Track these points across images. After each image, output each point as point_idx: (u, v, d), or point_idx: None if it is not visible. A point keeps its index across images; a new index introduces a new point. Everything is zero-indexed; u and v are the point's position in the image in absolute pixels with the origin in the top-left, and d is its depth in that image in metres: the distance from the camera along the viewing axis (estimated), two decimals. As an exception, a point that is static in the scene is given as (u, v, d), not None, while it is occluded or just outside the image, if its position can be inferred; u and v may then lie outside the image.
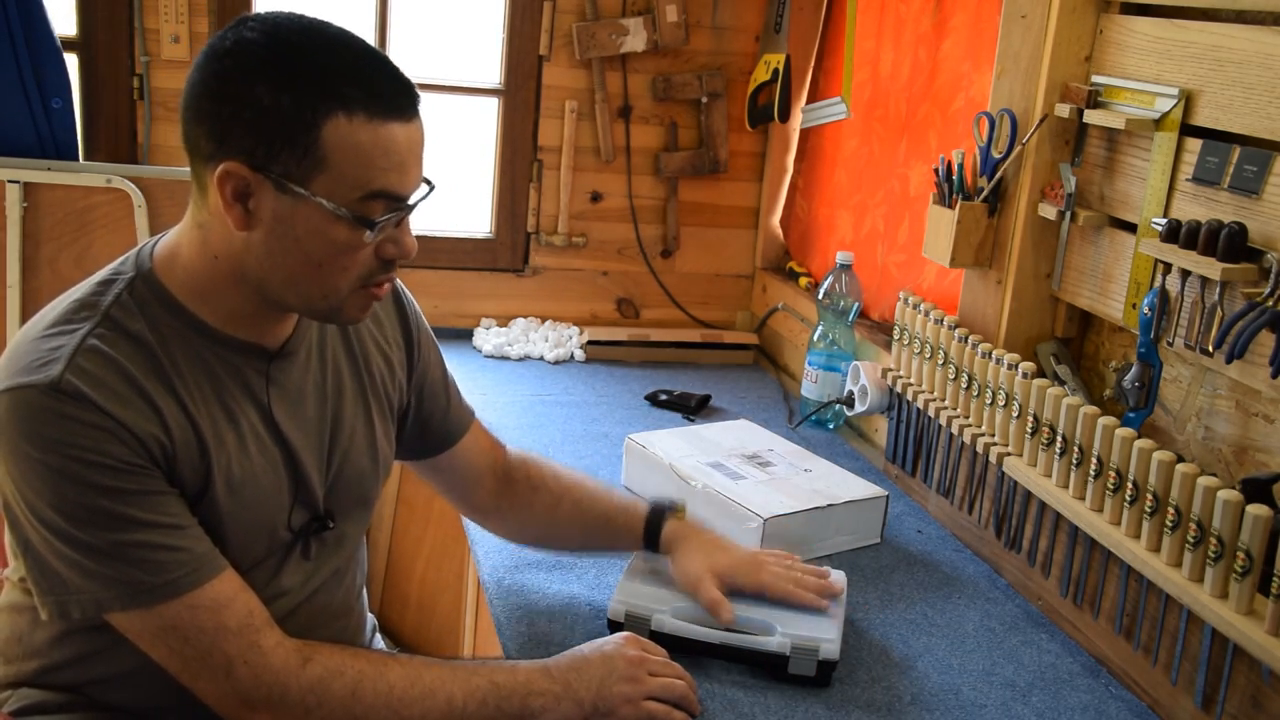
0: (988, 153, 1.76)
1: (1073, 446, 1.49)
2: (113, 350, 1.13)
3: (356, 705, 1.17)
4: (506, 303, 2.70)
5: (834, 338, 2.22)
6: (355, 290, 1.18)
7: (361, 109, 1.09)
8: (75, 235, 2.28)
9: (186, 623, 1.13)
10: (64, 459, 1.08)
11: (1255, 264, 1.33)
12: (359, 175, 1.11)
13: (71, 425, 1.08)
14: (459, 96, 2.67)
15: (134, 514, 1.10)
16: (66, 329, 1.14)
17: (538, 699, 1.22)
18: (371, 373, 1.38)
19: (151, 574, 1.11)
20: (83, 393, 1.09)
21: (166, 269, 1.20)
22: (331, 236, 1.13)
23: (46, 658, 1.24)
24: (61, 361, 1.10)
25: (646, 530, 1.49)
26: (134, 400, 1.12)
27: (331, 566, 1.34)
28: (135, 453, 1.11)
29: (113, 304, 1.16)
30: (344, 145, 1.09)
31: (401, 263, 1.20)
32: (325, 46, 1.11)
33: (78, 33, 2.35)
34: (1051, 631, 1.55)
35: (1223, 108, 1.42)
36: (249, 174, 1.10)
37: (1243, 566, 1.22)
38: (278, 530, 1.25)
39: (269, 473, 1.23)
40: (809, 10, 2.57)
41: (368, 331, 1.39)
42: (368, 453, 1.36)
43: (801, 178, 2.69)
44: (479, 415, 1.55)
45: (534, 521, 1.55)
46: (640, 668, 1.27)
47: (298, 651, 1.17)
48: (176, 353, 1.17)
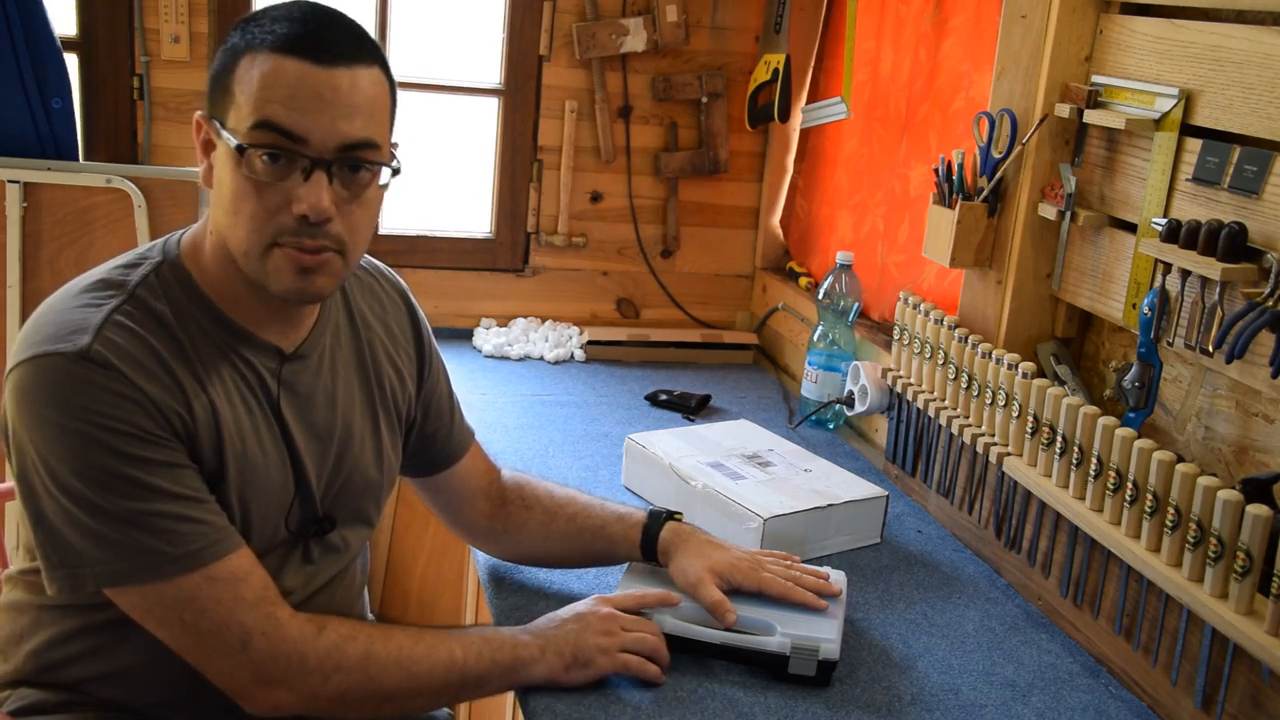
0: (988, 153, 1.76)
1: (1073, 446, 1.49)
2: (139, 327, 1.15)
3: (371, 666, 1.20)
4: (506, 303, 2.70)
5: (834, 338, 2.22)
6: (269, 248, 1.16)
7: (269, 46, 1.13)
8: (75, 235, 2.28)
9: (205, 594, 1.13)
10: (91, 425, 1.09)
11: (1255, 264, 1.33)
12: (251, 103, 1.13)
13: (99, 393, 1.09)
14: (459, 96, 2.67)
15: (158, 483, 1.11)
16: (94, 302, 1.15)
17: (524, 649, 1.28)
18: (382, 384, 1.39)
19: (173, 544, 1.12)
20: (111, 362, 1.10)
21: (192, 257, 1.23)
22: (231, 172, 1.15)
23: (46, 656, 1.24)
24: (90, 331, 1.12)
25: (644, 538, 1.48)
26: (159, 375, 1.14)
27: (332, 571, 1.35)
28: (159, 425, 1.12)
29: (139, 284, 1.18)
30: (245, 77, 1.14)
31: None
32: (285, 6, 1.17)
33: (78, 33, 2.35)
34: (1051, 631, 1.55)
35: (1223, 108, 1.42)
36: (205, 122, 1.18)
37: (1243, 566, 1.22)
38: (278, 526, 1.26)
39: (274, 468, 1.25)
40: (809, 10, 2.57)
41: (380, 342, 1.40)
42: (375, 463, 1.37)
43: (801, 178, 2.69)
44: (477, 416, 1.55)
45: (529, 540, 1.54)
46: (613, 622, 1.33)
47: (311, 621, 1.20)
48: (197, 339, 1.19)
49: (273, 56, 1.12)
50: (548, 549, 1.54)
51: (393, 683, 1.21)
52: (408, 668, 1.22)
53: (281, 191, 1.13)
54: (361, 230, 1.21)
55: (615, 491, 1.86)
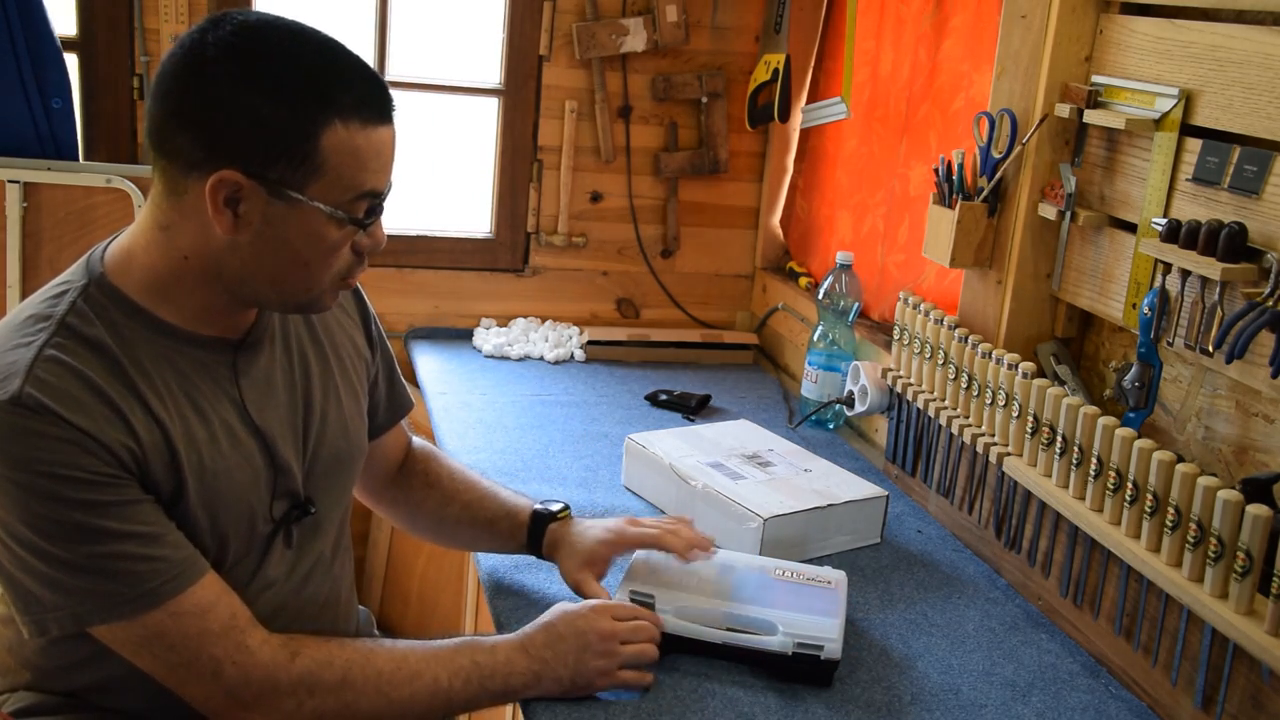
0: (988, 153, 1.76)
1: (1073, 446, 1.49)
2: (72, 359, 1.11)
3: (347, 692, 1.19)
4: (506, 303, 2.70)
5: (834, 338, 2.22)
6: (334, 283, 1.21)
7: (355, 116, 1.12)
8: (75, 235, 2.27)
9: (170, 630, 1.12)
10: (32, 475, 1.06)
11: (1255, 264, 1.33)
12: (353, 178, 1.13)
13: (36, 440, 1.06)
14: (459, 96, 2.67)
15: (109, 525, 1.09)
16: (21, 342, 1.12)
17: (519, 678, 1.26)
18: (340, 355, 1.38)
19: (130, 585, 1.10)
20: (45, 405, 1.07)
21: (121, 272, 1.18)
22: (323, 236, 1.15)
23: (39, 666, 1.24)
24: (20, 375, 1.08)
25: (529, 540, 1.52)
26: (98, 408, 1.10)
27: (315, 553, 1.33)
28: (105, 462, 1.09)
29: (68, 312, 1.14)
30: (340, 151, 1.12)
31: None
32: (313, 52, 1.13)
33: (78, 33, 2.35)
34: (1051, 631, 1.55)
35: (1223, 108, 1.42)
36: (243, 181, 1.10)
37: (1243, 566, 1.22)
38: (257, 523, 1.25)
39: (244, 466, 1.22)
40: (809, 10, 2.57)
41: (330, 314, 1.39)
42: (342, 434, 1.36)
43: (801, 178, 2.69)
44: (477, 416, 1.55)
45: (424, 520, 1.57)
46: (612, 640, 1.31)
47: (284, 646, 1.18)
48: (140, 355, 1.16)
49: (364, 131, 1.13)
50: (440, 532, 1.58)
51: (371, 709, 1.20)
52: (387, 694, 1.20)
53: None
54: None
55: (615, 491, 1.87)
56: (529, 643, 1.29)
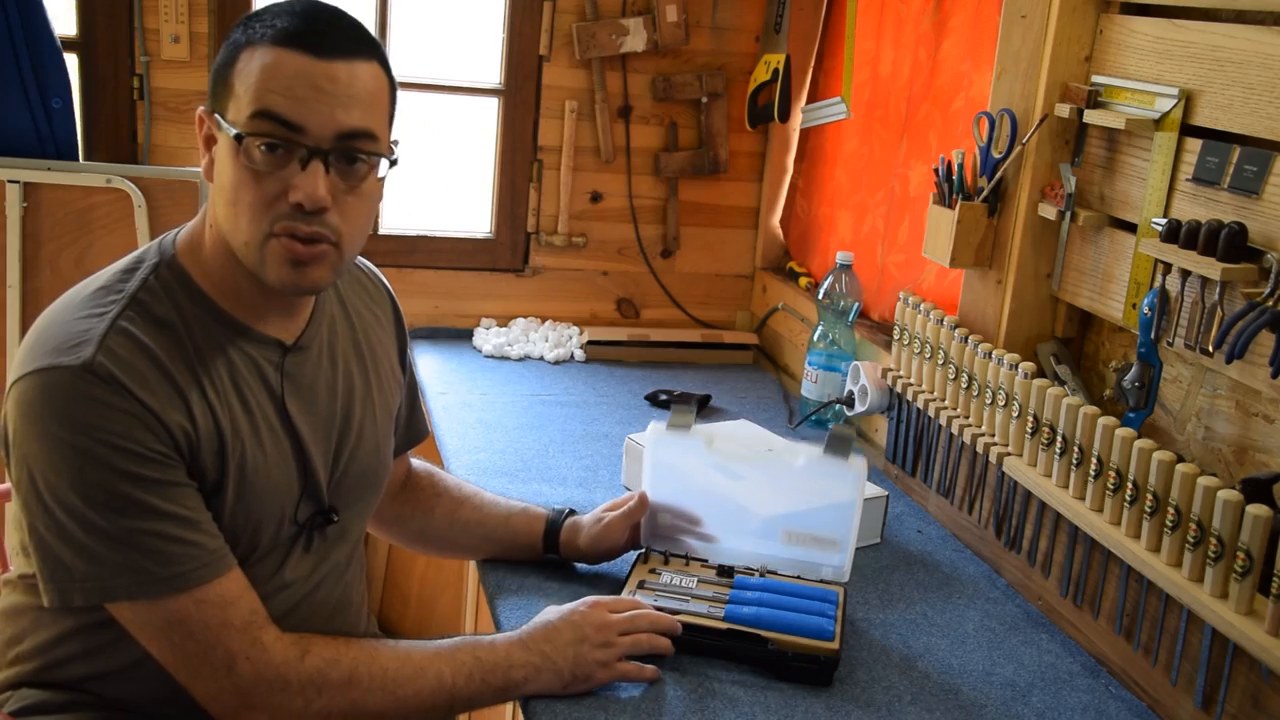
0: (988, 153, 1.76)
1: (1073, 446, 1.49)
2: (142, 334, 1.14)
3: (354, 690, 1.19)
4: (506, 303, 2.70)
5: (834, 338, 2.22)
6: (266, 238, 1.16)
7: (270, 39, 1.14)
8: (75, 235, 2.28)
9: (192, 617, 1.13)
10: (92, 441, 1.09)
11: (1255, 264, 1.33)
12: (250, 95, 1.14)
13: (102, 409, 1.09)
14: (459, 96, 2.67)
15: (154, 503, 1.11)
16: (95, 311, 1.15)
17: (519, 670, 1.27)
18: (380, 373, 1.40)
19: (162, 565, 1.11)
20: (114, 375, 1.10)
21: (189, 256, 1.22)
22: (231, 163, 1.15)
23: (48, 655, 1.24)
24: (93, 343, 1.11)
25: (546, 532, 1.54)
26: (162, 387, 1.13)
27: (333, 560, 1.35)
28: (161, 440, 1.12)
29: (140, 288, 1.18)
30: (245, 69, 1.14)
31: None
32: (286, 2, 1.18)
33: (78, 33, 2.35)
34: (1051, 631, 1.55)
35: (1223, 108, 1.42)
36: (206, 116, 1.18)
37: (1243, 566, 1.22)
38: (284, 522, 1.26)
39: (280, 464, 1.25)
40: (809, 10, 2.57)
41: (373, 331, 1.41)
42: (373, 452, 1.38)
43: (801, 178, 2.69)
44: (477, 416, 1.56)
45: (436, 526, 1.57)
46: (609, 631, 1.31)
47: (295, 644, 1.19)
48: (200, 341, 1.19)
49: (273, 49, 1.13)
50: (452, 535, 1.57)
51: (377, 706, 1.20)
52: (393, 690, 1.21)
53: (279, 181, 1.14)
54: (358, 223, 1.21)
55: (615, 491, 1.86)
56: (527, 637, 1.30)
